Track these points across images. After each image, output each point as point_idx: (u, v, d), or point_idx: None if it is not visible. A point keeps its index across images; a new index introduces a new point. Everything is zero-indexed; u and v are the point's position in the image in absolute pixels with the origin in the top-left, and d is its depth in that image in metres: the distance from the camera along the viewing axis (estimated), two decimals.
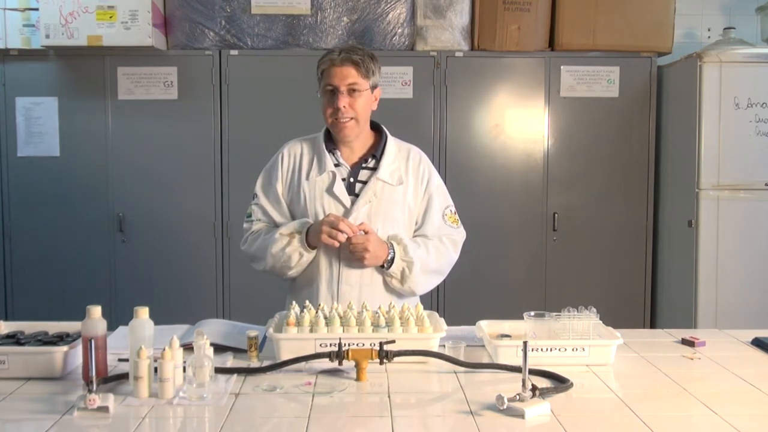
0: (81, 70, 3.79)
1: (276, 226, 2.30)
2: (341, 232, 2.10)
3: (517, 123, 3.90)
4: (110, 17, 3.55)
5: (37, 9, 3.62)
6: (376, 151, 2.30)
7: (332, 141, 2.31)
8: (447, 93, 3.85)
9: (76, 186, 3.81)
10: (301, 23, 3.81)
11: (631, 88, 3.90)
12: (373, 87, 2.27)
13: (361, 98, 2.22)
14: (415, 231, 2.33)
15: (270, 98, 3.80)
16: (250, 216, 2.36)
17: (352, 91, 2.20)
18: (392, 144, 2.34)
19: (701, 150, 3.58)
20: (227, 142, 3.82)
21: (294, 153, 2.34)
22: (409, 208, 2.31)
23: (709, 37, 4.29)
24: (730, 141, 3.57)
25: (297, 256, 2.20)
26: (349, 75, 2.20)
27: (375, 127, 2.37)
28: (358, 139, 2.30)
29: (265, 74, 3.81)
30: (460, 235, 2.37)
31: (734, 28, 3.99)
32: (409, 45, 3.86)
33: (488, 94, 3.88)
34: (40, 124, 3.79)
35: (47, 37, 3.56)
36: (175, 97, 3.80)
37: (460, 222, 2.39)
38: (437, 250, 2.29)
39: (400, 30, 3.83)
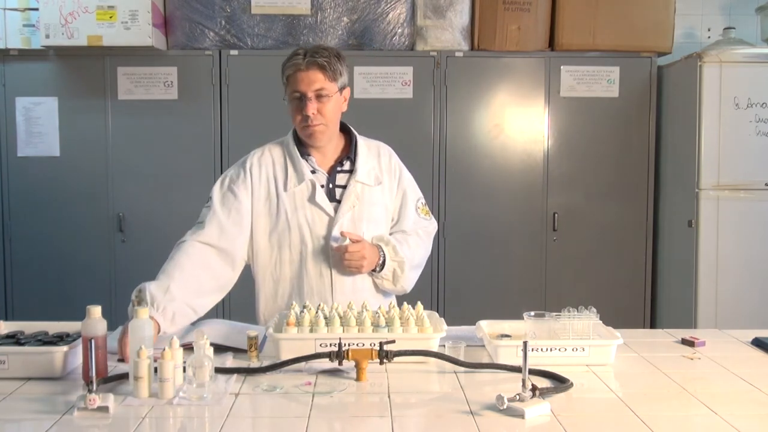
0: (81, 70, 3.79)
1: (218, 236, 2.15)
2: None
3: (517, 123, 3.90)
4: (110, 17, 3.55)
5: (37, 9, 3.62)
6: (349, 153, 2.26)
7: (304, 146, 2.24)
8: (447, 93, 3.85)
9: (76, 186, 3.82)
10: (301, 23, 3.81)
11: (631, 88, 3.90)
12: (342, 88, 2.20)
13: (330, 103, 2.15)
14: (392, 227, 2.31)
15: (270, 98, 3.79)
16: (202, 223, 2.19)
17: (319, 96, 2.13)
18: (362, 143, 2.28)
19: (701, 150, 3.58)
20: (227, 142, 3.82)
21: (265, 163, 2.24)
22: (386, 206, 2.28)
23: (709, 37, 4.29)
24: (730, 141, 3.57)
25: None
26: (316, 80, 2.12)
27: (342, 127, 2.30)
28: (330, 143, 2.25)
29: (265, 74, 3.79)
30: (432, 226, 2.38)
31: (734, 28, 4.00)
32: (409, 45, 3.86)
33: (488, 94, 3.88)
34: (40, 124, 3.79)
35: (47, 37, 3.56)
36: (175, 97, 3.80)
37: (431, 213, 2.39)
38: (417, 245, 2.29)
39: (400, 30, 3.83)
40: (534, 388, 1.58)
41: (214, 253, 2.17)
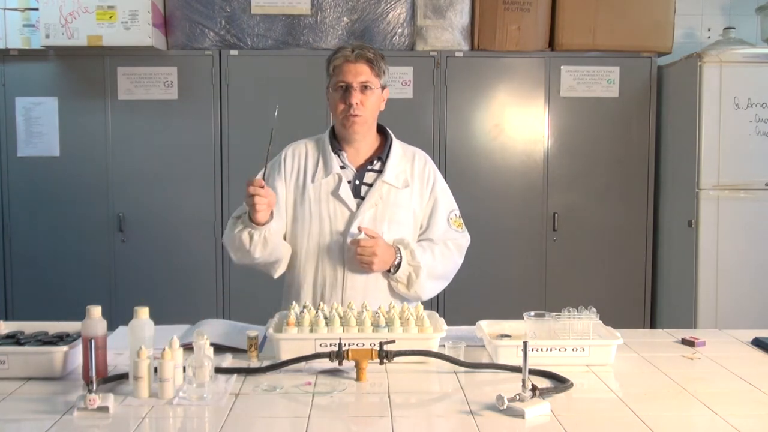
0: (81, 70, 3.79)
1: None
2: (254, 187, 2.02)
3: (517, 123, 3.90)
4: (110, 17, 3.55)
5: (37, 9, 3.62)
6: (381, 154, 2.28)
7: (338, 142, 2.29)
8: (447, 93, 3.85)
9: (76, 186, 3.82)
10: (301, 23, 3.81)
11: (631, 88, 3.90)
12: (383, 87, 2.27)
13: (373, 96, 2.22)
14: (420, 235, 2.31)
15: (270, 98, 3.80)
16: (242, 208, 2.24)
17: (364, 88, 2.19)
18: (397, 146, 2.32)
19: (701, 150, 3.58)
20: (227, 142, 3.82)
21: (298, 154, 2.31)
22: (414, 212, 2.28)
23: (709, 37, 4.29)
24: (730, 141, 3.57)
25: (247, 237, 2.12)
26: (362, 72, 2.19)
27: (380, 129, 2.35)
28: (365, 139, 2.28)
29: (265, 74, 3.81)
30: (465, 239, 2.36)
31: (734, 28, 3.99)
32: (409, 45, 3.86)
33: (488, 94, 3.88)
34: (40, 124, 3.79)
35: (47, 37, 3.56)
36: (175, 97, 3.80)
37: (464, 226, 2.37)
38: (443, 255, 2.27)
39: (400, 30, 3.83)
40: (534, 388, 1.59)
41: None
